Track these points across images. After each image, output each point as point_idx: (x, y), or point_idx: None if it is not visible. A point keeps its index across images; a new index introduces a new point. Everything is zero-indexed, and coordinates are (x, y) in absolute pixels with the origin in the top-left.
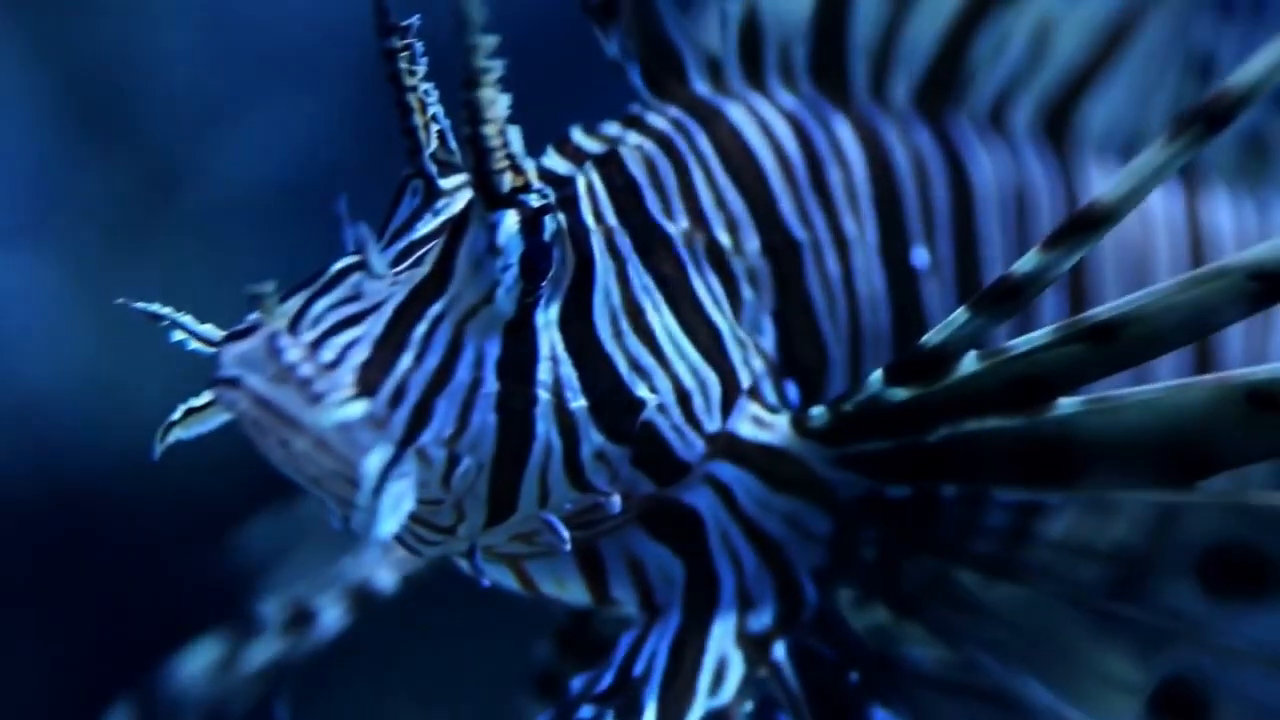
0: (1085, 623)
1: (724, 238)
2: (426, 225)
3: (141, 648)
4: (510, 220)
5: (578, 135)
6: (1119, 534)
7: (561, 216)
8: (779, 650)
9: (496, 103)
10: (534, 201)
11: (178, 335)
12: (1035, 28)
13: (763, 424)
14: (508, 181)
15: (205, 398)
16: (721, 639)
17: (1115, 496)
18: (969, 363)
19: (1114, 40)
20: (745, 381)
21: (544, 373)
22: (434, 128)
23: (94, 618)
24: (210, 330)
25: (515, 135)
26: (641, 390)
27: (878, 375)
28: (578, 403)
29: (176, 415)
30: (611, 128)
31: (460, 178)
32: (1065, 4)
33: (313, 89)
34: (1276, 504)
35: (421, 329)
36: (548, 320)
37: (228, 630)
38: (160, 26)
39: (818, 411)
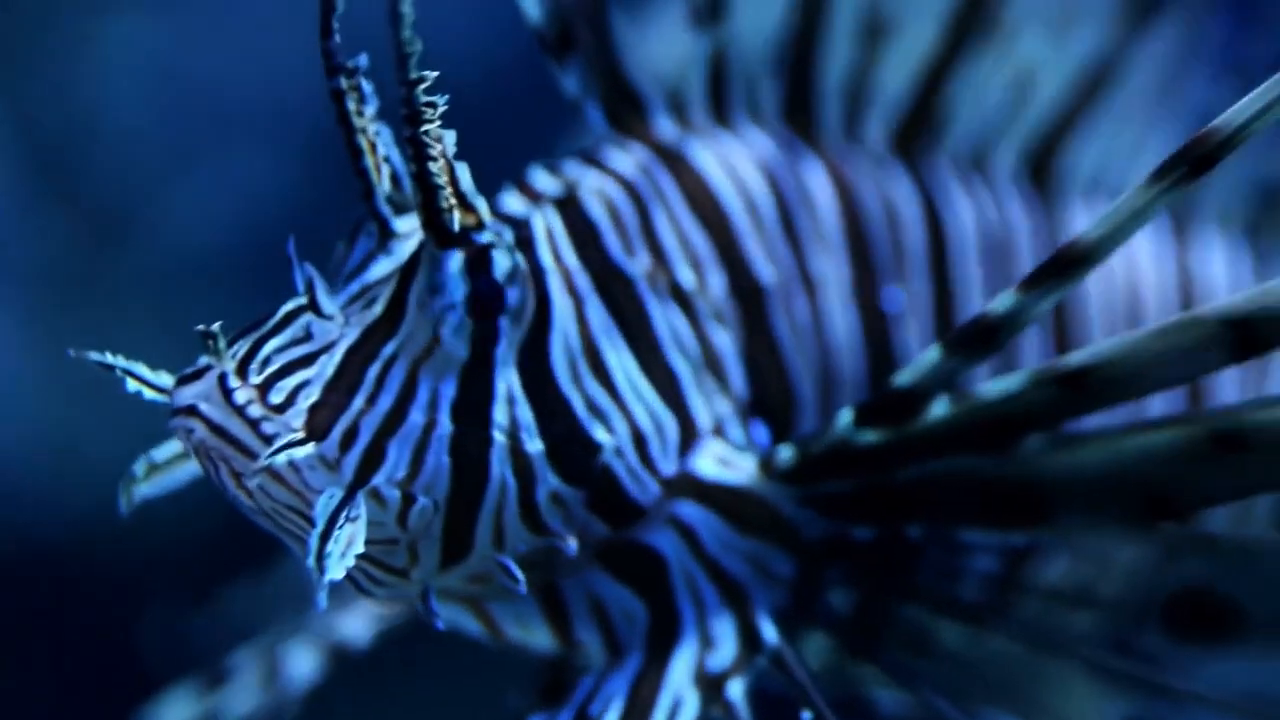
0: (1047, 666)
1: (687, 278)
2: (380, 267)
3: (109, 708)
4: (453, 259)
5: (537, 175)
6: (1113, 583)
7: (520, 256)
8: (734, 689)
9: (442, 139)
10: (484, 239)
11: (131, 385)
12: (1016, 72)
13: (728, 464)
14: (457, 219)
15: (167, 452)
16: (678, 678)
17: (1108, 544)
18: (940, 407)
19: (1098, 84)
20: (708, 422)
21: (500, 414)
22: (385, 169)
23: (59, 680)
24: (162, 377)
25: (465, 172)
26: (599, 433)
27: (847, 416)
28: (534, 445)
29: (138, 469)
30: (572, 167)
31: (414, 219)
32: (1047, 48)
33: (266, 144)
34: (1243, 543)
35: (374, 370)
36: (505, 361)
37: (198, 682)
38: (113, 82)
39: (785, 452)
